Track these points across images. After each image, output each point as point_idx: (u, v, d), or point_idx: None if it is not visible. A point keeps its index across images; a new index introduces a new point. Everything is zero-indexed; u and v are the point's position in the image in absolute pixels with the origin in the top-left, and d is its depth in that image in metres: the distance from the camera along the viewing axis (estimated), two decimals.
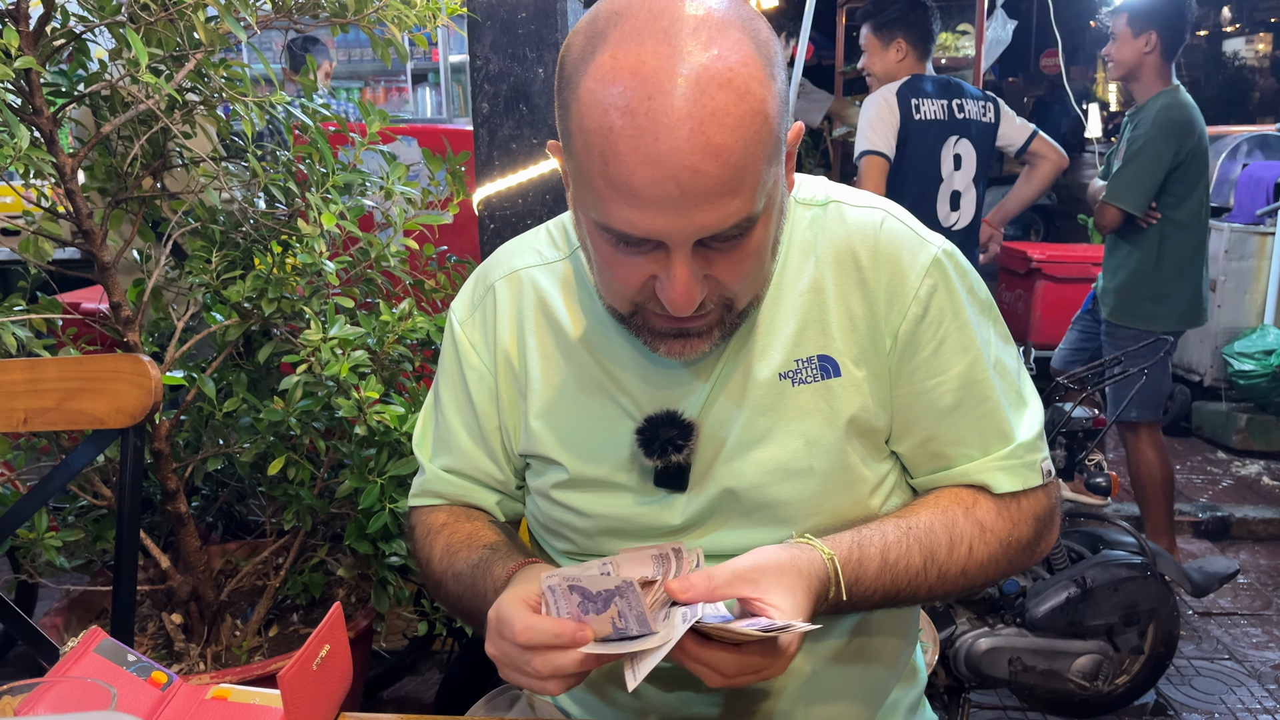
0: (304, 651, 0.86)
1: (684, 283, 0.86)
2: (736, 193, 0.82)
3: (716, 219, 0.83)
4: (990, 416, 1.03)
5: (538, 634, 0.84)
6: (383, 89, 5.67)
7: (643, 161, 0.80)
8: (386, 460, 1.83)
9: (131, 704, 0.88)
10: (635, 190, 0.81)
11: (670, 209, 0.82)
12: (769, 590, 0.87)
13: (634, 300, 0.92)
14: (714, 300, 0.91)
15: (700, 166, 0.80)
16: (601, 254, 0.91)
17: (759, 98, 0.81)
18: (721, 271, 0.89)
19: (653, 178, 0.80)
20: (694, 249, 0.86)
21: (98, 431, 1.46)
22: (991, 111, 3.25)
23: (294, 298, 1.83)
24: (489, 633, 0.90)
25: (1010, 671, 2.32)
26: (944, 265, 1.01)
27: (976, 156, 3.23)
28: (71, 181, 1.67)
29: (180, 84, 1.69)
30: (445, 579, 1.08)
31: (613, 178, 0.82)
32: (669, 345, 0.94)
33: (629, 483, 1.04)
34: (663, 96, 0.79)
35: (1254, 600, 3.27)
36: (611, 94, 0.80)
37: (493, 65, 1.85)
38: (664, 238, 0.84)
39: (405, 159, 2.03)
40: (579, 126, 0.84)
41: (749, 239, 0.87)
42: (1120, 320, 3.22)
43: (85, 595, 2.06)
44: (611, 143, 0.81)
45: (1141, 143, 3.07)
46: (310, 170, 1.91)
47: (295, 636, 2.06)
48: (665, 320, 0.92)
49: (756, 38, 0.84)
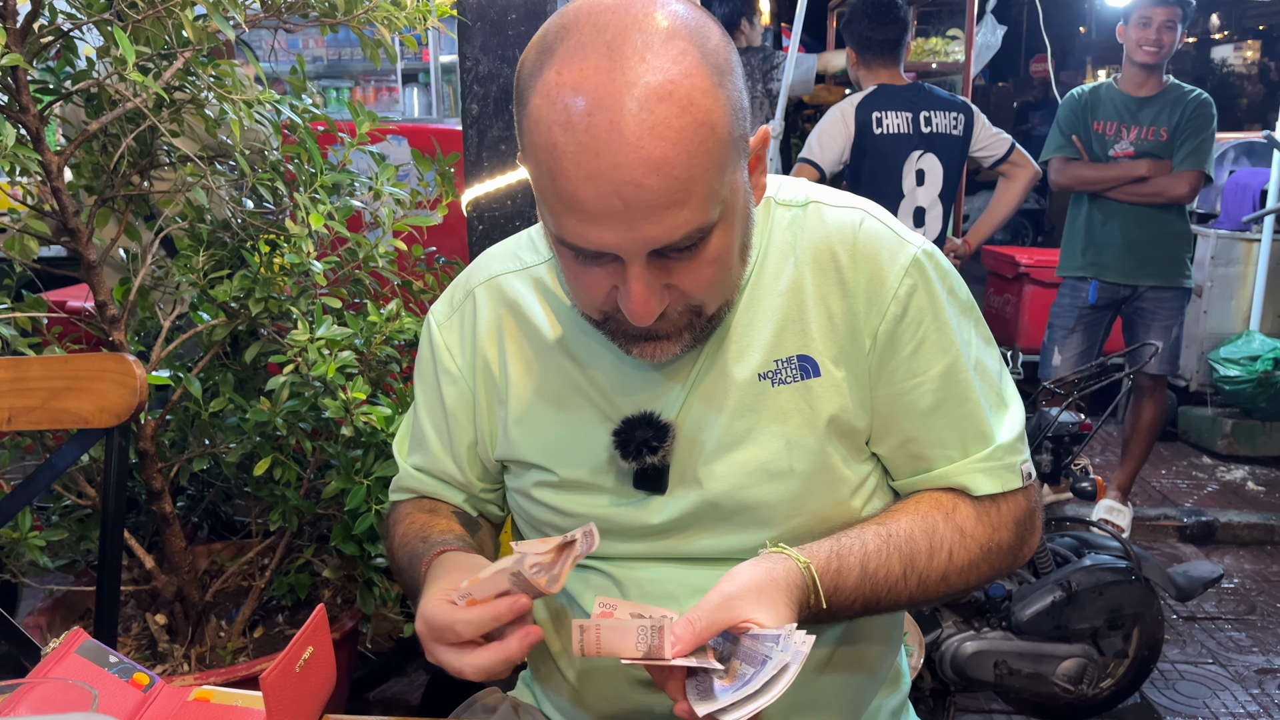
0: (287, 653, 0.86)
1: (640, 295, 0.87)
2: (684, 204, 0.82)
3: (664, 231, 0.83)
4: (970, 418, 1.03)
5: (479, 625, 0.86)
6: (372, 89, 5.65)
7: (585, 177, 0.80)
8: (373, 461, 1.83)
9: (113, 705, 0.88)
10: (581, 205, 0.82)
11: (617, 223, 0.82)
12: (752, 610, 0.86)
13: (602, 309, 0.93)
14: (679, 307, 0.91)
15: (642, 180, 0.80)
16: (565, 267, 0.92)
17: (703, 108, 0.81)
18: (681, 280, 0.89)
19: (596, 193, 0.81)
20: (650, 260, 0.86)
21: (82, 431, 1.46)
22: (962, 123, 3.21)
23: (281, 298, 1.82)
24: (422, 641, 0.91)
25: (996, 675, 2.32)
26: (924, 265, 1.01)
27: (943, 171, 3.19)
28: (58, 179, 1.66)
29: (168, 82, 1.69)
30: (400, 568, 1.11)
31: (560, 193, 0.83)
32: (640, 348, 0.95)
33: (608, 485, 1.04)
34: (602, 112, 0.79)
35: (1238, 605, 3.29)
36: (555, 111, 0.81)
37: (482, 66, 1.85)
38: (615, 250, 0.85)
39: (394, 159, 2.02)
40: (530, 143, 0.85)
41: (706, 247, 0.87)
42: (1173, 282, 3.51)
43: (69, 595, 2.05)
44: (556, 159, 0.81)
45: (1203, 118, 3.37)
46: (299, 170, 1.91)
47: (280, 637, 2.05)
48: (635, 325, 0.92)
49: (704, 46, 0.83)
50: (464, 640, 0.87)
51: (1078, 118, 3.54)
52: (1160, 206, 3.43)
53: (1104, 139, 3.49)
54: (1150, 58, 3.37)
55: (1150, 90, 3.45)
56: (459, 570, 0.95)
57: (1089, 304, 3.56)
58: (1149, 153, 3.42)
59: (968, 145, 3.23)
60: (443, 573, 0.96)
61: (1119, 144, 3.46)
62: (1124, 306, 3.58)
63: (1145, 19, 3.33)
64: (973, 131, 3.23)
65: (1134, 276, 3.50)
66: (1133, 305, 3.56)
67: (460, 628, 0.86)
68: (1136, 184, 3.42)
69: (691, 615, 0.85)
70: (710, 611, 0.86)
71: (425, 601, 0.91)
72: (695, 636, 0.84)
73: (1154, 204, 3.43)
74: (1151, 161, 3.40)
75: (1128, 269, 3.49)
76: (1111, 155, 3.48)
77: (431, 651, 0.90)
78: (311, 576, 2.06)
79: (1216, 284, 4.72)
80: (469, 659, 0.87)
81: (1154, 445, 3.78)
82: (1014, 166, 3.31)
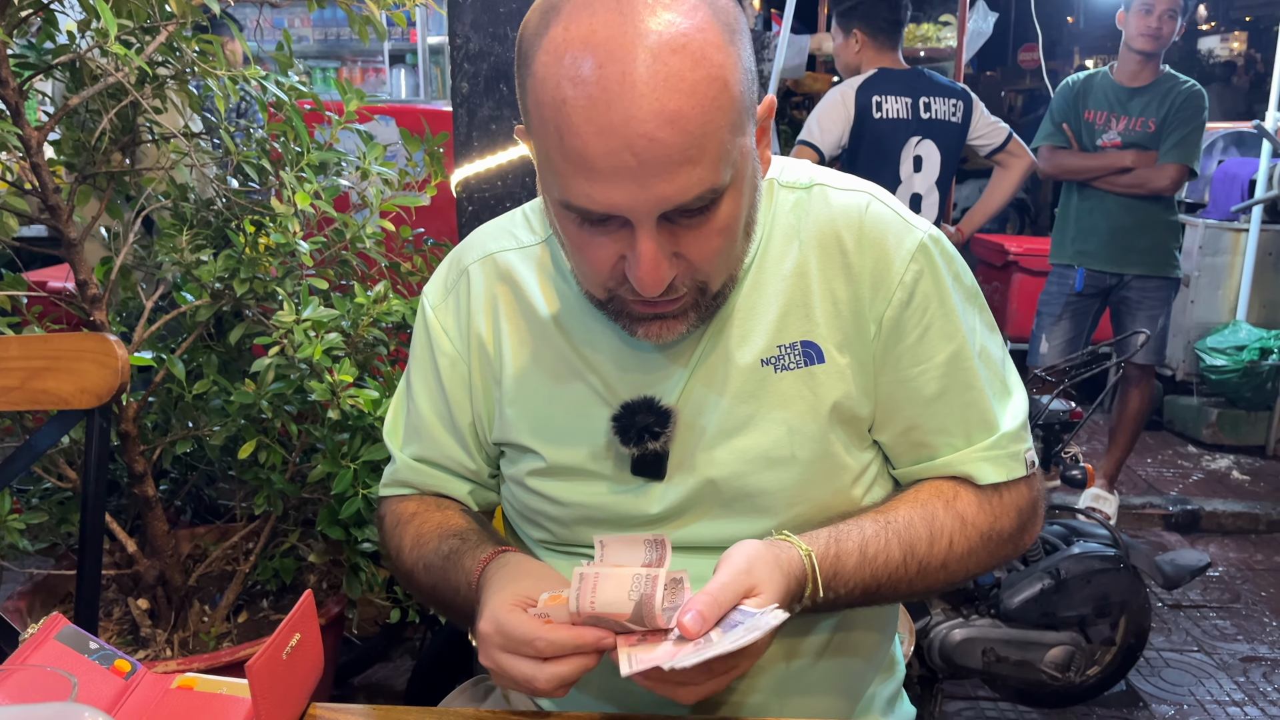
0: (273, 640, 0.84)
1: (650, 259, 0.83)
2: (697, 161, 0.79)
3: (677, 189, 0.80)
4: (974, 405, 1.01)
5: (562, 647, 0.83)
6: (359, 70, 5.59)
7: (596, 132, 0.78)
8: (360, 445, 1.80)
9: (93, 693, 0.85)
10: (591, 162, 0.79)
11: (628, 180, 0.79)
12: (763, 579, 0.85)
13: (607, 285, 0.90)
14: (686, 281, 0.88)
15: (656, 134, 0.77)
16: (570, 237, 0.89)
17: (716, 63, 0.79)
18: (690, 249, 0.86)
19: (608, 148, 0.78)
20: (659, 225, 0.83)
21: (63, 412, 1.42)
22: (961, 110, 3.18)
23: (267, 278, 1.79)
24: (483, 644, 0.87)
25: (984, 662, 2.32)
26: (930, 250, 0.99)
27: (941, 158, 3.16)
28: (37, 155, 1.63)
29: (150, 57, 1.65)
30: (416, 570, 1.06)
31: (568, 151, 0.80)
32: (646, 328, 0.92)
33: (605, 471, 1.02)
34: (614, 64, 0.77)
35: (1223, 593, 3.30)
36: (564, 66, 0.78)
37: (473, 44, 1.81)
38: (625, 212, 0.82)
39: (382, 139, 1.99)
40: (535, 102, 0.82)
41: (716, 214, 0.85)
42: (1160, 271, 3.50)
43: (49, 579, 2.02)
44: (565, 115, 0.79)
45: (1192, 110, 3.35)
46: (285, 149, 1.87)
47: (265, 623, 2.03)
48: (641, 305, 0.90)
49: (714, 4, 0.81)
50: (542, 657, 0.84)
51: (1069, 106, 3.53)
52: (1147, 196, 3.43)
53: (1093, 128, 3.48)
54: (1150, 45, 3.36)
55: (1145, 80, 3.43)
56: (530, 578, 0.91)
57: (1076, 292, 3.56)
58: (1136, 143, 3.41)
59: (966, 133, 3.21)
60: (511, 577, 0.91)
61: (1107, 134, 3.45)
62: (1111, 295, 3.59)
63: (1147, 6, 3.32)
64: (971, 119, 3.21)
65: (1120, 265, 3.50)
66: (1119, 294, 3.56)
67: (542, 645, 0.84)
68: (1120, 174, 3.41)
69: (713, 588, 0.83)
70: (729, 584, 0.84)
71: (496, 606, 0.87)
72: (719, 610, 0.82)
73: (1138, 194, 3.42)
74: (1136, 152, 3.40)
75: (1113, 257, 3.49)
76: (1099, 145, 3.47)
77: (495, 658, 0.87)
78: (296, 561, 2.04)
79: (1204, 274, 4.72)
80: (549, 670, 0.84)
81: (1140, 434, 3.79)
82: (1010, 156, 3.29)
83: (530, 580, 0.90)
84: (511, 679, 0.86)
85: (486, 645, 0.87)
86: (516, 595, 0.88)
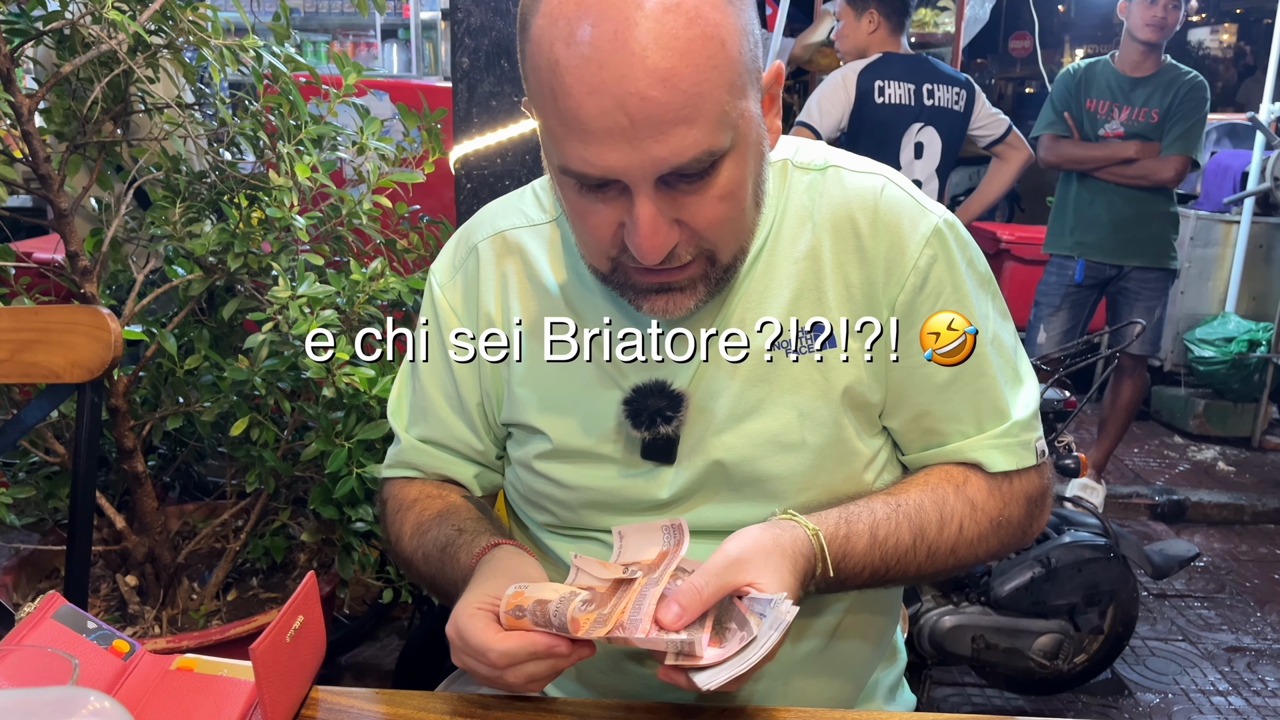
0: (277, 623, 0.82)
1: (648, 225, 0.81)
2: (692, 121, 0.78)
3: (671, 150, 0.78)
4: (986, 392, 1.00)
5: (513, 657, 0.83)
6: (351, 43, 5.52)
7: (588, 91, 0.77)
8: (354, 423, 1.78)
9: (92, 675, 0.83)
10: (585, 123, 0.78)
11: (622, 141, 0.78)
12: (758, 573, 0.84)
13: (609, 255, 0.88)
14: (690, 250, 0.86)
15: (647, 92, 0.76)
16: (570, 205, 0.87)
17: (713, 22, 0.77)
18: (692, 216, 0.84)
19: (600, 108, 0.77)
20: (659, 190, 0.81)
21: (52, 386, 1.40)
22: (964, 99, 3.15)
23: (261, 253, 1.76)
24: (452, 647, 0.87)
25: (973, 649, 2.32)
26: (945, 235, 0.98)
27: (942, 146, 3.13)
28: (28, 123, 1.59)
29: (144, 24, 1.61)
30: (415, 558, 1.05)
31: (563, 113, 0.79)
32: (652, 302, 0.90)
33: (615, 454, 1.00)
34: (607, 24, 0.76)
35: (1208, 583, 3.32)
36: (558, 28, 0.77)
37: (474, 19, 1.78)
38: (620, 175, 0.80)
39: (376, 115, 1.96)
40: (532, 67, 0.81)
41: (717, 178, 0.83)
42: (1159, 263, 3.51)
43: (35, 554, 1.99)
44: (559, 77, 0.78)
45: (1195, 101, 3.37)
46: (280, 121, 1.84)
47: (254, 601, 2.01)
48: (645, 275, 0.88)
49: None
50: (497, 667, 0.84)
51: (1071, 95, 3.52)
52: (1147, 188, 3.43)
53: (1095, 118, 3.47)
54: (1154, 35, 3.35)
55: (1147, 70, 3.43)
56: (505, 576, 0.90)
57: (1075, 283, 3.56)
58: (1139, 134, 3.40)
59: (968, 122, 3.19)
60: (486, 576, 0.91)
61: (1109, 124, 3.44)
62: (1109, 286, 3.59)
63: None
64: (973, 109, 3.19)
65: (1120, 256, 3.50)
66: (1117, 285, 3.57)
67: (494, 657, 0.83)
68: (1123, 165, 3.41)
69: (698, 581, 0.82)
70: (716, 577, 0.83)
71: (460, 610, 0.87)
72: (702, 605, 0.81)
73: (1140, 185, 3.42)
74: (1140, 143, 3.39)
75: (1114, 248, 3.49)
76: (1101, 135, 3.46)
77: (463, 661, 0.87)
78: (287, 540, 2.02)
79: (1194, 265, 4.74)
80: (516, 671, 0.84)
81: (1130, 424, 3.80)
82: (1009, 148, 3.27)
83: (504, 579, 0.89)
84: (483, 680, 0.86)
85: (454, 649, 0.87)
86: (484, 597, 0.87)
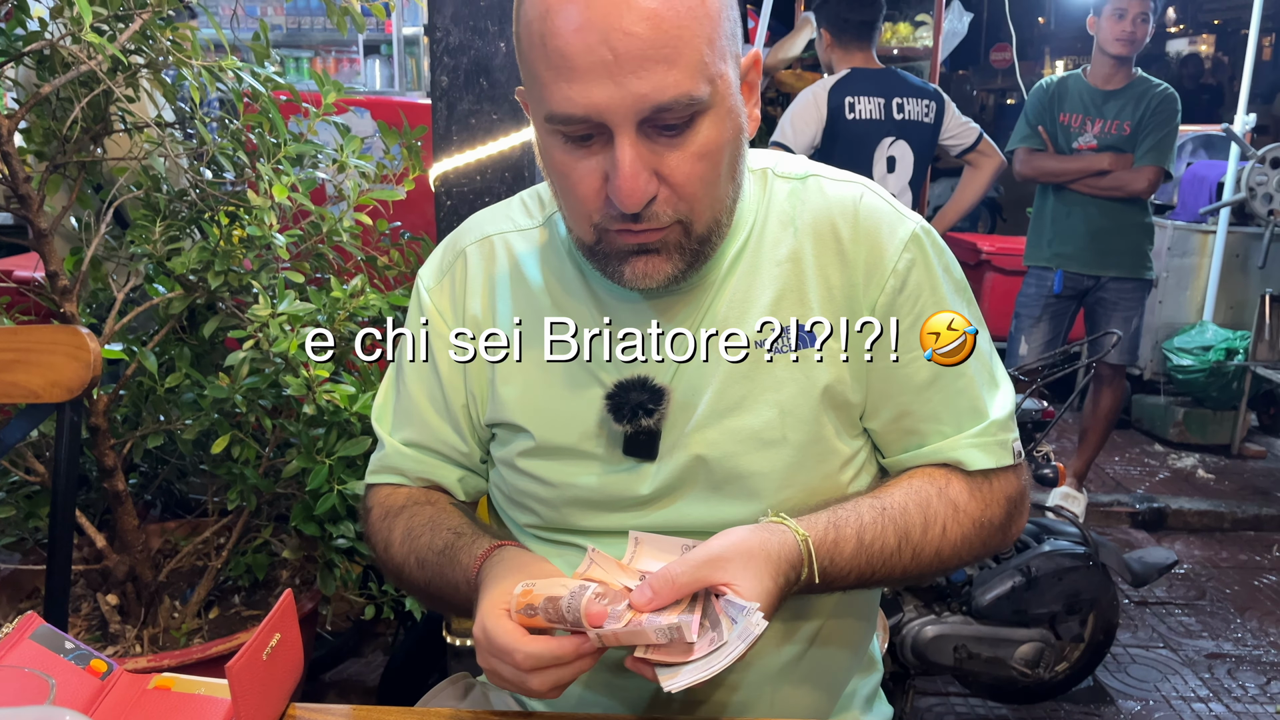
0: (253, 641, 0.83)
1: (629, 167, 0.85)
2: (674, 62, 0.83)
3: (653, 87, 0.83)
4: (965, 393, 1.03)
5: (540, 659, 0.84)
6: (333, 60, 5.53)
7: (575, 29, 0.83)
8: (335, 440, 1.78)
9: (70, 694, 0.84)
10: (571, 60, 0.83)
11: (606, 78, 0.83)
12: (736, 574, 0.85)
13: (593, 218, 0.91)
14: (668, 210, 0.89)
15: (631, 28, 0.82)
16: (556, 166, 0.91)
17: None
18: (671, 170, 0.88)
19: (585, 43, 0.82)
20: (639, 137, 0.86)
21: (32, 405, 1.40)
22: (934, 111, 3.19)
23: (242, 271, 1.77)
24: (476, 648, 0.88)
25: (956, 659, 2.34)
26: (922, 241, 1.01)
27: (914, 159, 3.17)
28: (8, 144, 1.60)
29: (124, 45, 1.62)
30: (407, 564, 1.05)
31: (551, 55, 0.84)
32: (632, 265, 0.93)
33: (597, 451, 1.02)
34: None
35: (1188, 590, 3.35)
36: None
37: (453, 38, 1.80)
38: (604, 114, 0.84)
39: (357, 132, 1.97)
40: (525, 23, 0.88)
41: (695, 133, 0.87)
42: (1135, 273, 3.55)
43: (15, 574, 1.99)
44: (549, 21, 0.84)
45: (1166, 113, 3.41)
46: (260, 140, 1.85)
47: (236, 619, 2.01)
48: (626, 236, 0.91)
49: None
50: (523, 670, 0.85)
51: (1044, 109, 3.56)
52: (1122, 199, 3.47)
53: (1069, 131, 3.52)
54: (1124, 49, 3.40)
55: (1118, 83, 3.48)
56: (522, 573, 0.91)
57: (1054, 294, 3.59)
58: (1112, 146, 3.45)
59: (938, 133, 3.22)
60: (502, 575, 0.92)
61: (1083, 137, 3.49)
62: (1087, 297, 3.63)
63: (1120, 10, 3.36)
64: (943, 120, 3.22)
65: (1098, 267, 3.54)
66: (1095, 295, 3.60)
67: (520, 659, 0.84)
68: (1097, 177, 3.45)
69: (675, 570, 0.84)
70: (694, 568, 0.85)
71: (485, 610, 0.88)
72: (674, 592, 0.84)
73: (1115, 197, 3.46)
74: (1113, 155, 3.44)
75: (1091, 259, 3.53)
76: (1075, 148, 3.51)
77: (487, 662, 0.87)
78: (269, 557, 2.02)
79: (1172, 274, 4.79)
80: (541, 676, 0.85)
81: (1110, 433, 3.84)
82: (981, 156, 3.31)
83: (521, 575, 0.90)
84: (505, 683, 0.87)
85: (479, 650, 0.88)
86: (508, 596, 0.88)
